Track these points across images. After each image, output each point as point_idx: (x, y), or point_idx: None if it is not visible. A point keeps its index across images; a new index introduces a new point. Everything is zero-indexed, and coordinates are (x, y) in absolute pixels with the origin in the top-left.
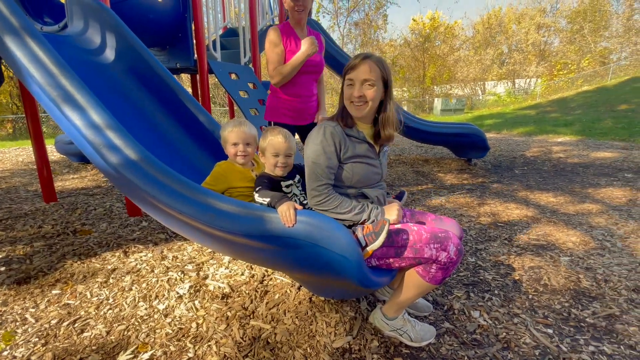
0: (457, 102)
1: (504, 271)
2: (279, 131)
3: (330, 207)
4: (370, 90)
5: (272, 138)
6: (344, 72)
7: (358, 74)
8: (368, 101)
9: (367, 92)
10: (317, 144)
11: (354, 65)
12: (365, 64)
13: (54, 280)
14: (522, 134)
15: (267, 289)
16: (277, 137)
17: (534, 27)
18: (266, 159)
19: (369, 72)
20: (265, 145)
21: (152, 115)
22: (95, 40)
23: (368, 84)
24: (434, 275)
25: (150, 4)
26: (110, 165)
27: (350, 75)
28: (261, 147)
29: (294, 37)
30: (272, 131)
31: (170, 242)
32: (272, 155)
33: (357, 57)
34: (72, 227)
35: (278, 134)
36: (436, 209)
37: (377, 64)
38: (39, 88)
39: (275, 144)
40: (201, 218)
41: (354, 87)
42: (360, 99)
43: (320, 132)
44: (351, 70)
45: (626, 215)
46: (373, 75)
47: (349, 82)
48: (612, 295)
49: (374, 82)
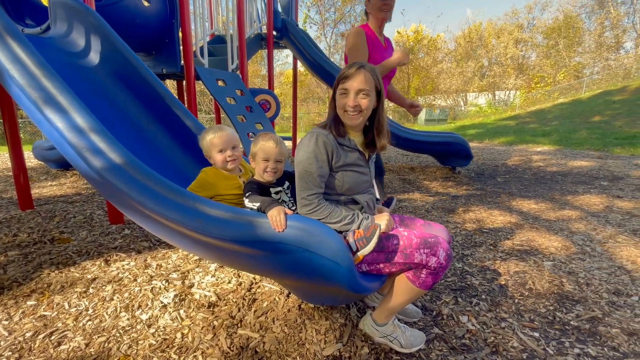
0: (440, 113)
1: (490, 276)
2: (270, 136)
3: (320, 216)
4: (365, 100)
5: (263, 143)
6: (338, 81)
7: (353, 83)
8: (362, 110)
9: (361, 102)
10: (309, 152)
11: (349, 75)
12: (361, 74)
13: (29, 291)
14: (503, 143)
15: (255, 296)
16: (268, 142)
17: (512, 42)
18: (256, 164)
19: (364, 82)
20: (256, 150)
21: (138, 120)
22: (80, 43)
23: (363, 94)
24: (424, 280)
25: (137, 8)
26: (94, 169)
27: (344, 84)
28: (252, 152)
29: (376, 40)
30: (263, 136)
31: (154, 250)
32: (262, 160)
33: (351, 67)
34: (50, 235)
35: (269, 139)
36: (423, 215)
37: (372, 73)
38: (19, 90)
39: (266, 149)
40: (189, 224)
41: (348, 96)
42: (354, 109)
43: (312, 140)
44: (345, 79)
45: (604, 221)
46: (368, 85)
47: (342, 91)
48: (594, 298)
49: (369, 92)
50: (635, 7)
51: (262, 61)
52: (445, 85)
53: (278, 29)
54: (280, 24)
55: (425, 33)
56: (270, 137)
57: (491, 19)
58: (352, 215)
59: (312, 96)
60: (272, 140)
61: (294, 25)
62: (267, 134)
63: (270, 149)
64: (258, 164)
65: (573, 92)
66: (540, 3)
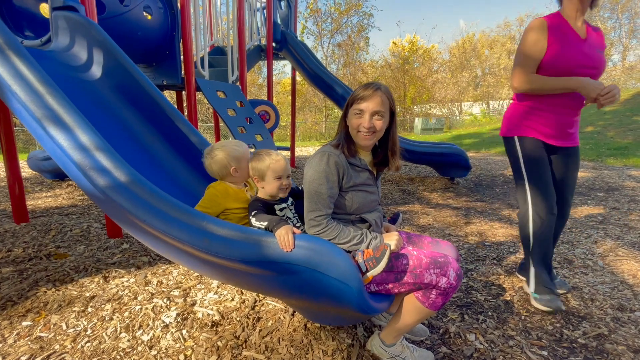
0: (436, 122)
1: (495, 292)
2: (275, 153)
3: (329, 237)
4: (380, 121)
5: (271, 162)
6: (352, 100)
7: (370, 105)
8: (376, 132)
9: (376, 123)
10: (320, 172)
11: (365, 97)
12: (377, 96)
13: (24, 310)
14: (500, 153)
15: (260, 315)
16: (277, 161)
17: (505, 53)
18: (266, 183)
19: (380, 104)
20: (265, 169)
21: (141, 135)
22: (82, 56)
23: (378, 115)
24: (433, 301)
25: (139, 21)
26: (98, 188)
27: (360, 105)
28: (259, 170)
29: (568, 31)
30: (268, 154)
31: (154, 266)
32: (275, 179)
33: (367, 88)
34: (46, 250)
35: (277, 157)
36: (425, 228)
37: (387, 95)
38: (22, 106)
39: (276, 168)
40: (196, 243)
41: (363, 117)
42: (369, 130)
43: (324, 160)
44: (361, 100)
45: (603, 233)
46: (383, 107)
47: (357, 112)
48: (599, 314)
49: (384, 114)
50: (621, 22)
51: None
52: (441, 94)
53: (277, 40)
54: (279, 36)
55: (420, 44)
56: (276, 154)
57: (484, 30)
58: (360, 235)
59: (309, 105)
60: (279, 157)
61: (293, 37)
62: (269, 152)
63: (281, 167)
64: (269, 183)
65: None
66: (532, 16)
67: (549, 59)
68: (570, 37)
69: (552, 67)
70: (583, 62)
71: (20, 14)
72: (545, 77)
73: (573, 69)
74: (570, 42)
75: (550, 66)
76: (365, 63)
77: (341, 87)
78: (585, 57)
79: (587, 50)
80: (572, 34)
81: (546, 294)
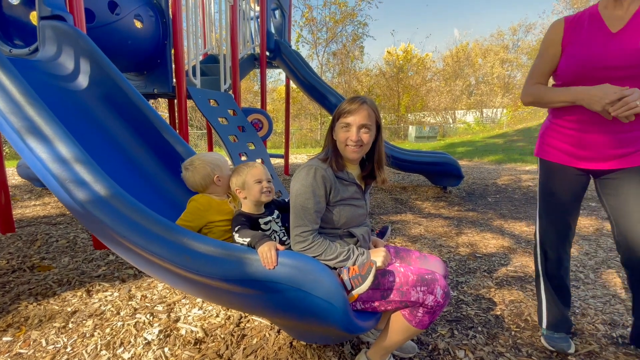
0: (430, 130)
1: (485, 306)
2: (252, 163)
3: (315, 253)
4: (367, 134)
5: (249, 169)
6: (338, 114)
7: (356, 118)
8: (364, 145)
9: (363, 137)
10: (307, 186)
11: (352, 110)
12: (364, 110)
13: (5, 325)
14: (492, 162)
15: (245, 332)
16: (253, 167)
17: (498, 62)
18: (249, 191)
19: (367, 117)
20: (245, 177)
21: (127, 145)
22: (68, 66)
23: (365, 129)
24: (420, 319)
25: (129, 30)
26: (77, 201)
27: (346, 119)
28: (239, 182)
29: (591, 26)
30: (246, 165)
31: (139, 279)
32: (256, 182)
33: (353, 102)
34: (30, 262)
35: (252, 165)
36: (416, 239)
37: (373, 108)
38: (2, 117)
39: (255, 173)
40: (176, 260)
41: (351, 131)
42: (357, 143)
43: (310, 174)
44: (348, 114)
45: (595, 245)
46: (370, 121)
47: (344, 125)
48: (590, 330)
49: (371, 127)
50: None
51: (254, 77)
52: (435, 103)
53: (271, 49)
54: (273, 45)
55: (414, 52)
56: (252, 164)
57: (477, 39)
58: (347, 251)
59: (304, 112)
60: (257, 164)
61: (287, 46)
62: (247, 164)
63: (259, 171)
64: (251, 189)
65: None
66: (525, 25)
67: (561, 64)
68: (591, 33)
69: (565, 74)
70: (607, 62)
71: (10, 22)
72: (544, 88)
73: (592, 73)
74: (591, 39)
75: (563, 73)
76: (360, 71)
77: (334, 95)
78: (612, 55)
79: (617, 45)
80: (596, 29)
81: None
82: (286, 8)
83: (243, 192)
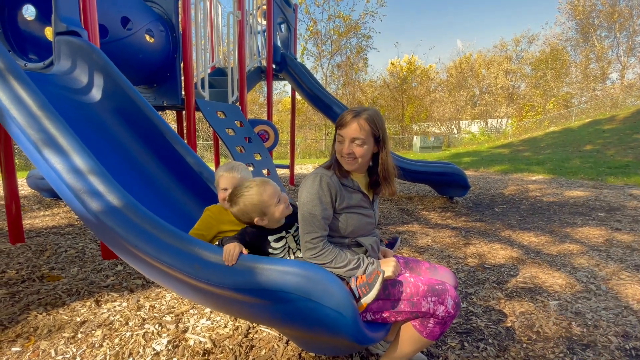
0: (435, 140)
1: (495, 317)
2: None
3: (324, 261)
4: (359, 148)
5: (261, 190)
6: (336, 126)
7: (348, 131)
8: (357, 158)
9: (355, 150)
10: (313, 194)
11: (344, 123)
12: (354, 123)
13: (14, 335)
14: (498, 172)
15: (253, 343)
16: (265, 186)
17: (502, 72)
18: (273, 213)
19: (358, 131)
20: (262, 199)
21: (138, 157)
22: (82, 79)
23: (357, 142)
24: (431, 330)
25: (141, 44)
26: (91, 211)
27: (341, 131)
28: (254, 206)
29: None
30: (247, 186)
31: (147, 289)
32: (277, 204)
33: (347, 114)
34: (40, 272)
35: (259, 182)
36: (424, 249)
37: (367, 121)
38: (19, 130)
39: (270, 192)
40: (186, 269)
41: (344, 144)
42: (349, 156)
43: (316, 182)
44: (341, 127)
45: (605, 256)
46: (362, 134)
47: (339, 138)
48: (603, 342)
49: (364, 140)
50: (618, 41)
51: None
52: (439, 113)
53: (277, 62)
54: (279, 58)
55: (418, 64)
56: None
57: (481, 50)
58: (357, 260)
59: (309, 123)
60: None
61: (293, 59)
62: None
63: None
64: (272, 216)
65: (563, 121)
66: (527, 37)
67: None
68: None
69: None
70: None
71: (25, 37)
72: None
73: None
74: None
75: None
76: (364, 83)
77: (339, 107)
78: None
79: None
80: None
81: None
82: (292, 22)
83: (265, 220)
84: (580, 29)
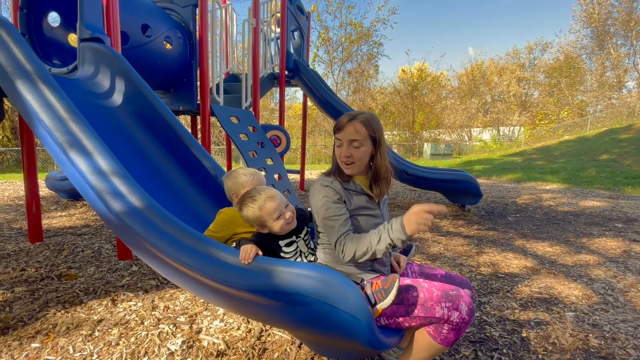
0: (445, 147)
1: (510, 327)
2: (261, 193)
3: (350, 254)
4: (357, 150)
5: (262, 204)
6: (334, 130)
7: (344, 135)
8: (354, 162)
9: (353, 152)
10: (321, 199)
11: (341, 127)
12: (351, 126)
13: (34, 332)
14: (511, 180)
15: (266, 346)
16: (267, 202)
17: (514, 80)
18: (271, 227)
19: (354, 133)
20: (260, 214)
21: (157, 160)
22: (105, 84)
23: (354, 145)
24: (445, 336)
25: (160, 51)
26: (113, 212)
27: (338, 135)
28: (254, 218)
29: None
30: (252, 196)
31: (161, 290)
32: (275, 219)
33: (344, 118)
34: (58, 270)
35: (264, 197)
36: (436, 257)
37: (364, 124)
38: (47, 132)
39: (269, 209)
40: (204, 270)
41: (342, 147)
42: (347, 159)
43: (321, 191)
44: (338, 131)
45: (623, 267)
46: (359, 136)
47: (337, 141)
48: (622, 355)
49: (361, 142)
50: (635, 49)
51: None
52: (450, 120)
53: (290, 69)
54: (292, 65)
55: (429, 71)
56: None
57: (493, 58)
58: (377, 232)
59: (319, 129)
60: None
61: (305, 65)
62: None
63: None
64: (274, 226)
65: (578, 130)
66: (541, 44)
67: None
68: None
69: None
70: None
71: (50, 43)
72: None
73: None
74: None
75: None
76: (374, 89)
77: None
78: None
79: None
80: None
81: None
82: (305, 29)
83: (266, 229)
84: (595, 37)
